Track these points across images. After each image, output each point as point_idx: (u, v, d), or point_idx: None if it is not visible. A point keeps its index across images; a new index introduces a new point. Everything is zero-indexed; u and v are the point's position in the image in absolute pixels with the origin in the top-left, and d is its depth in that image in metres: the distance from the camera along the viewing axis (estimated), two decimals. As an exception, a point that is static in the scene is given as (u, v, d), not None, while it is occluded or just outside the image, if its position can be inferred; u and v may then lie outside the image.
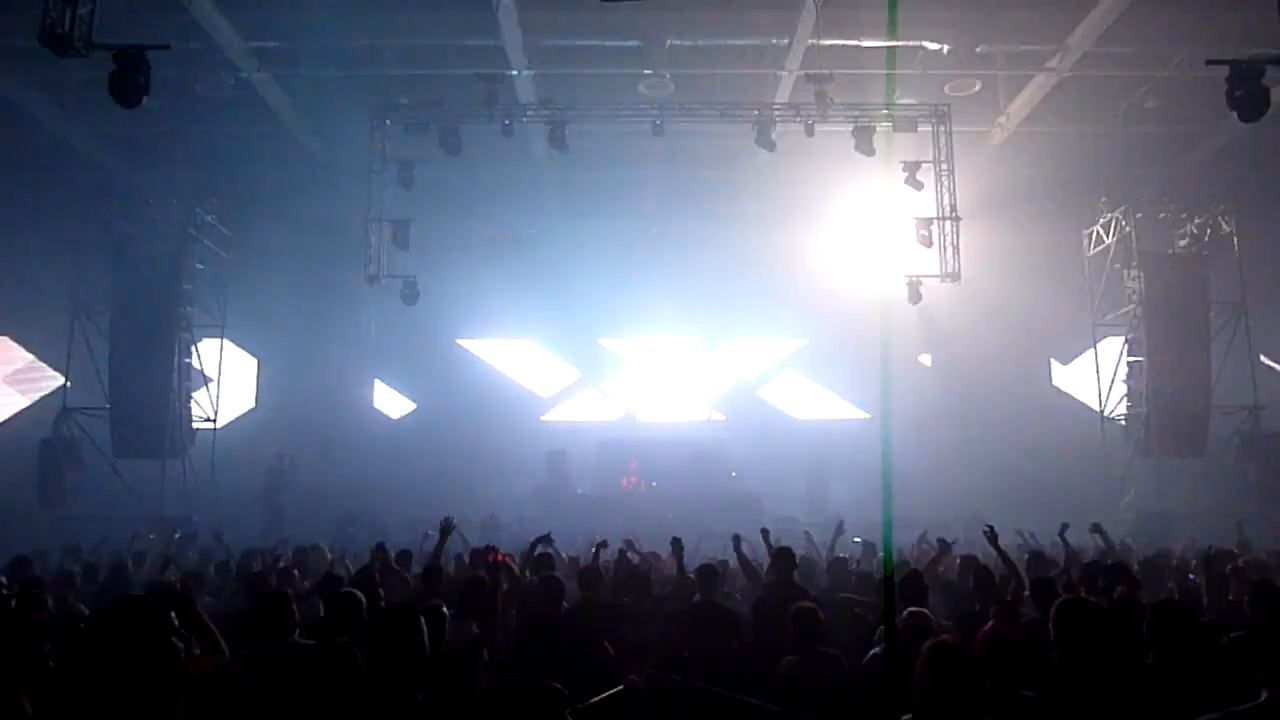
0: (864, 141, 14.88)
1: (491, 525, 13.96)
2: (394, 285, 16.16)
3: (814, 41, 13.29)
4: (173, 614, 4.23)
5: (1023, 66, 14.57)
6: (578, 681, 4.20)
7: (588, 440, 18.53)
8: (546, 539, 7.97)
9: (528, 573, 7.24)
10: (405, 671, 3.54)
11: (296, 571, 7.75)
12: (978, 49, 14.15)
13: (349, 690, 3.47)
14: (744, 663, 5.63)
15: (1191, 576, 7.67)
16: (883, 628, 5.03)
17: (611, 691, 4.31)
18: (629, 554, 8.14)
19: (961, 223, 16.00)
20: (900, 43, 13.97)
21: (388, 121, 15.59)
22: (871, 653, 4.94)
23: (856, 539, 10.29)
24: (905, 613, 4.83)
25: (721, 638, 5.73)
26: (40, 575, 7.35)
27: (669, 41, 13.86)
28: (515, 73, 14.19)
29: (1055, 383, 20.48)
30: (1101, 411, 18.24)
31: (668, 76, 14.54)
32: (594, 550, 7.40)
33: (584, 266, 18.77)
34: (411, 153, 15.64)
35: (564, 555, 8.86)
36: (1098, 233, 18.11)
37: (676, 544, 7.43)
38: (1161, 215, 17.40)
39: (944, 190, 15.97)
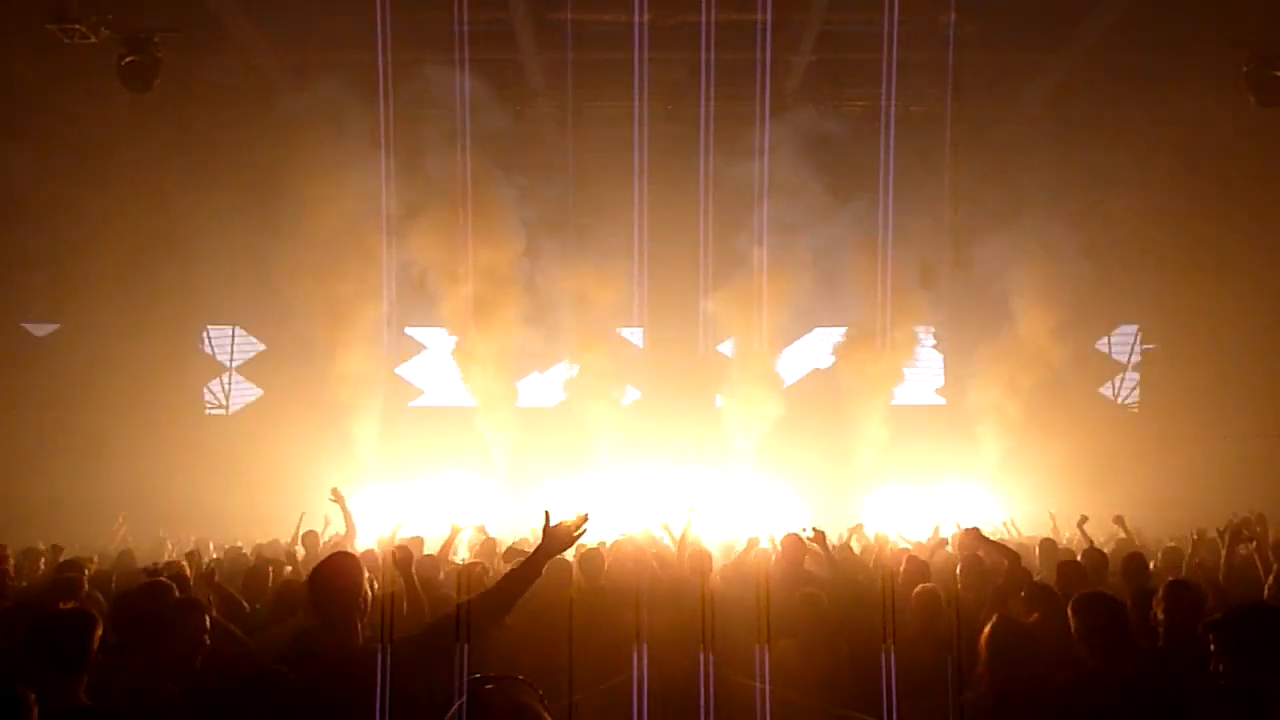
0: (875, 125, 14.78)
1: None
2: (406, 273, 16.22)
3: (826, 26, 13.19)
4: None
5: (1037, 50, 14.40)
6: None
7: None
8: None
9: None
10: None
11: None
12: (991, 32, 14.00)
13: None
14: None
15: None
16: None
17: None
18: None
19: (973, 209, 15.90)
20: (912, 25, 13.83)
21: (396, 108, 15.51)
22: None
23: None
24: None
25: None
26: None
27: (679, 21, 13.75)
28: (525, 56, 14.11)
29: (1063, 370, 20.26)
30: (1116, 398, 18.12)
31: (678, 60, 14.44)
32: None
33: (595, 255, 18.65)
34: (421, 139, 15.59)
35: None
36: (1112, 219, 17.91)
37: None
38: (1176, 201, 17.20)
39: (955, 175, 15.87)
